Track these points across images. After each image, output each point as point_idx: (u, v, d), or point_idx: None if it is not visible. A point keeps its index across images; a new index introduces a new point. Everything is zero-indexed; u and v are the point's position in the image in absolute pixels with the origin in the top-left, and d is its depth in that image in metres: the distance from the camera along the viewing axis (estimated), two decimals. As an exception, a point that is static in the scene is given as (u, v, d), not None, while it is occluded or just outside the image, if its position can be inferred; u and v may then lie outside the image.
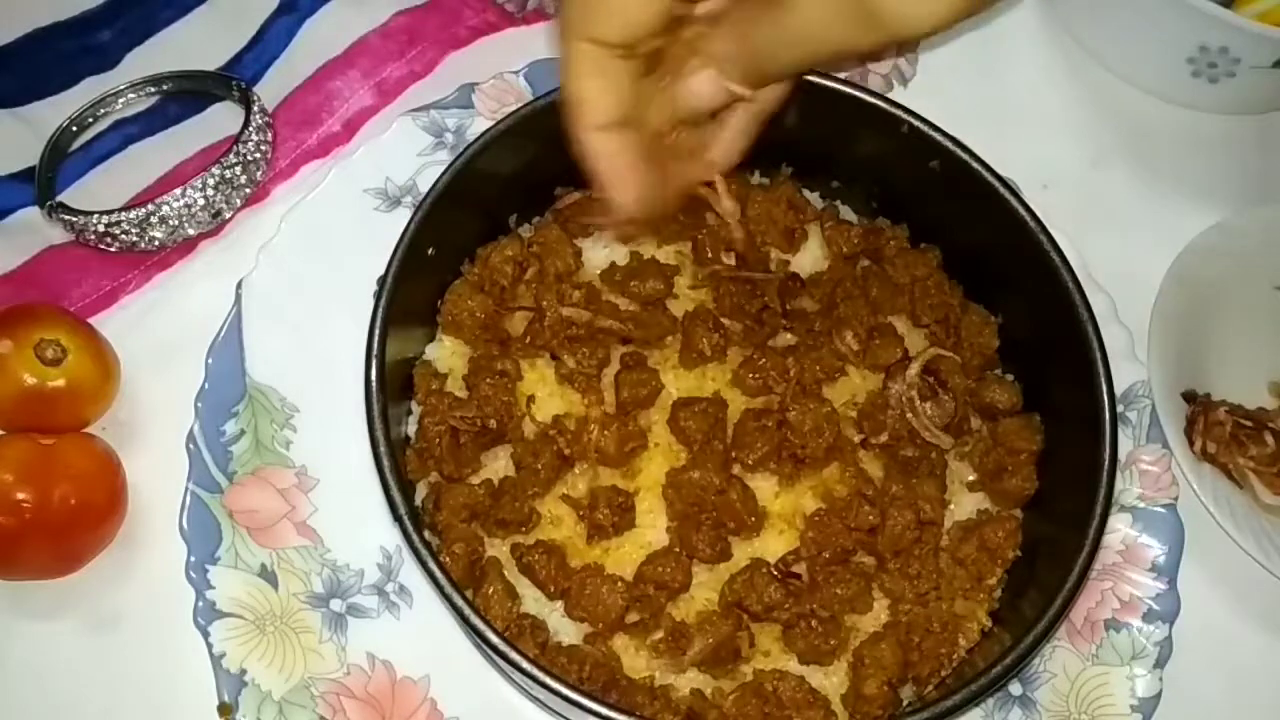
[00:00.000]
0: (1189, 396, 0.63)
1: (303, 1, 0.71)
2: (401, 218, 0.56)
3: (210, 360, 0.59)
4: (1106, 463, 0.52)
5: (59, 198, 0.64)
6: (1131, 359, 0.62)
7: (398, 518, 0.50)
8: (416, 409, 0.58)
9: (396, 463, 0.51)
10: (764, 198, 0.61)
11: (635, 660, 0.53)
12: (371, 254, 0.57)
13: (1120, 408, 0.59)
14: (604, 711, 0.46)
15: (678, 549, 0.54)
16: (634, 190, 0.43)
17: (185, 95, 0.68)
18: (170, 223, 0.62)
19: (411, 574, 0.56)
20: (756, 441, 0.56)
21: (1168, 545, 0.58)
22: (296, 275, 0.61)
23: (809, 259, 0.62)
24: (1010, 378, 0.60)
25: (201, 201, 0.63)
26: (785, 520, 0.56)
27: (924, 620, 0.54)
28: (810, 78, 0.58)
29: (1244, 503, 0.61)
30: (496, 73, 0.67)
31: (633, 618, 0.53)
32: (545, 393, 0.58)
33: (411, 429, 0.58)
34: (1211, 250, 0.66)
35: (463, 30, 0.71)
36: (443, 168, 0.56)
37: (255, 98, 0.65)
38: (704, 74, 0.43)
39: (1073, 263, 0.56)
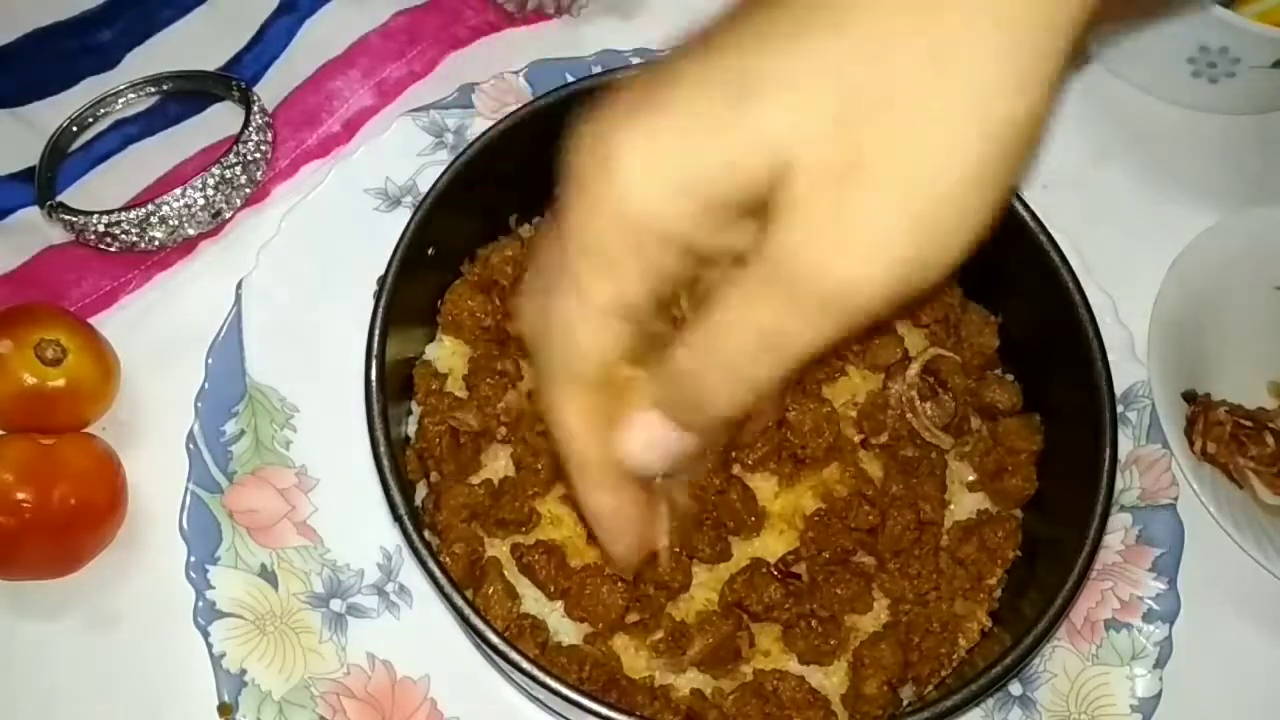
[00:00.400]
0: (1189, 396, 0.63)
1: (303, 1, 0.71)
2: (401, 218, 0.56)
3: (210, 360, 0.59)
4: (1106, 463, 0.52)
5: (59, 198, 0.64)
6: (1131, 359, 0.62)
7: (398, 518, 0.50)
8: (416, 409, 0.58)
9: (396, 463, 0.51)
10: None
11: (635, 660, 0.53)
12: (371, 254, 0.57)
13: (1120, 408, 0.59)
14: (604, 711, 0.46)
15: (678, 549, 0.54)
16: (633, 539, 0.40)
17: (185, 95, 0.68)
18: (170, 223, 0.62)
19: (411, 574, 0.56)
20: (756, 441, 0.56)
21: (1168, 545, 0.58)
22: (296, 275, 0.61)
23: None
24: (1010, 378, 0.60)
25: (201, 201, 0.63)
26: (785, 520, 0.56)
27: (924, 620, 0.54)
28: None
29: (1244, 503, 0.61)
30: (496, 73, 0.67)
31: (633, 618, 0.53)
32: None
33: (411, 429, 0.58)
34: (1211, 250, 0.66)
35: (463, 30, 0.71)
36: (443, 168, 0.56)
37: (255, 98, 0.65)
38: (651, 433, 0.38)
39: (1073, 263, 0.56)
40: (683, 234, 0.33)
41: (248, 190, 0.65)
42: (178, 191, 0.62)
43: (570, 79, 0.63)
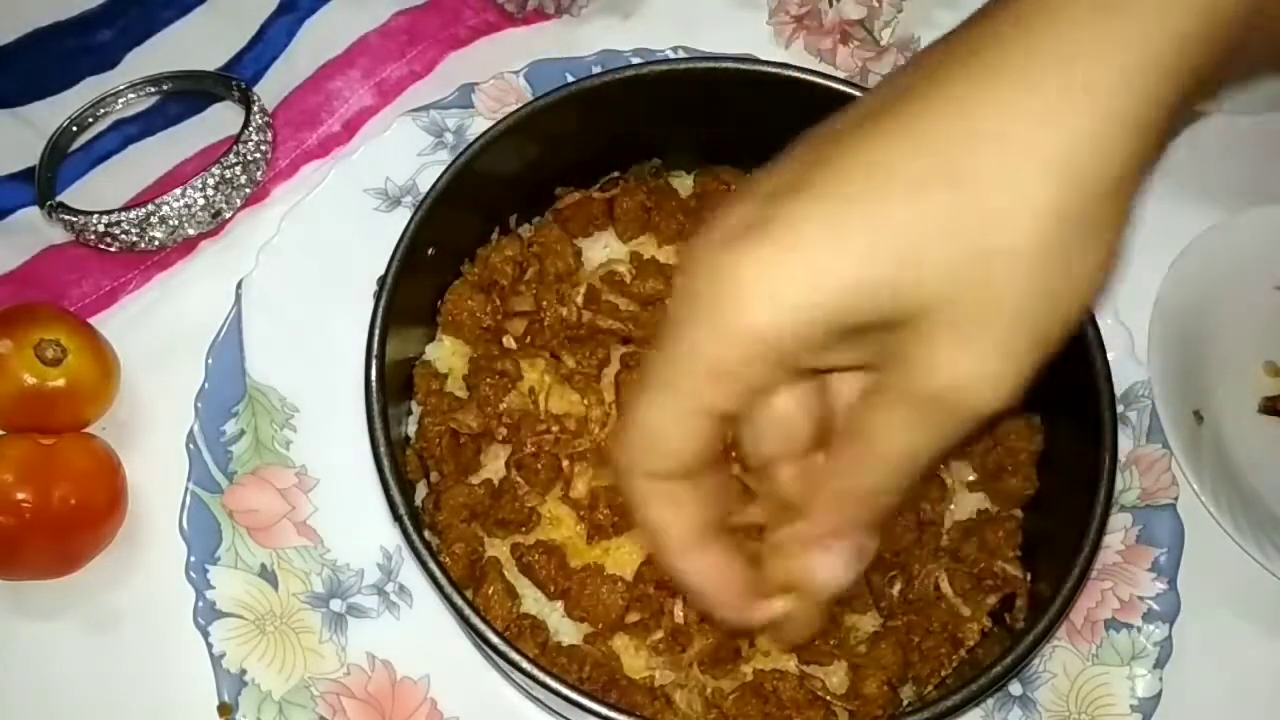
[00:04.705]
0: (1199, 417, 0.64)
1: (303, 1, 0.71)
2: (401, 218, 0.56)
3: (210, 360, 0.59)
4: (1106, 463, 0.52)
5: (59, 198, 0.64)
6: (1131, 359, 0.62)
7: (398, 518, 0.50)
8: (416, 409, 0.58)
9: (396, 463, 0.51)
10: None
11: (635, 660, 0.53)
12: (371, 254, 0.57)
13: (1120, 408, 0.59)
14: (604, 711, 0.46)
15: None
16: (739, 595, 0.41)
17: (185, 95, 0.68)
18: (170, 223, 0.62)
19: (411, 574, 0.56)
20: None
21: (1168, 545, 0.58)
22: (296, 275, 0.61)
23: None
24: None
25: (201, 201, 0.63)
26: (785, 520, 0.56)
27: (924, 620, 0.54)
28: (809, 77, 0.58)
29: (1244, 503, 0.61)
30: (496, 73, 0.67)
31: (633, 618, 0.53)
32: (545, 393, 0.58)
33: (411, 429, 0.58)
34: (1211, 250, 0.66)
35: (463, 30, 0.71)
36: (443, 168, 0.56)
37: (255, 98, 0.65)
38: (823, 557, 0.40)
39: (1073, 263, 0.56)
40: (798, 358, 0.36)
41: (248, 190, 0.65)
42: (178, 191, 0.62)
43: (570, 79, 0.63)
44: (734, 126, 0.60)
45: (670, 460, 0.38)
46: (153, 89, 0.68)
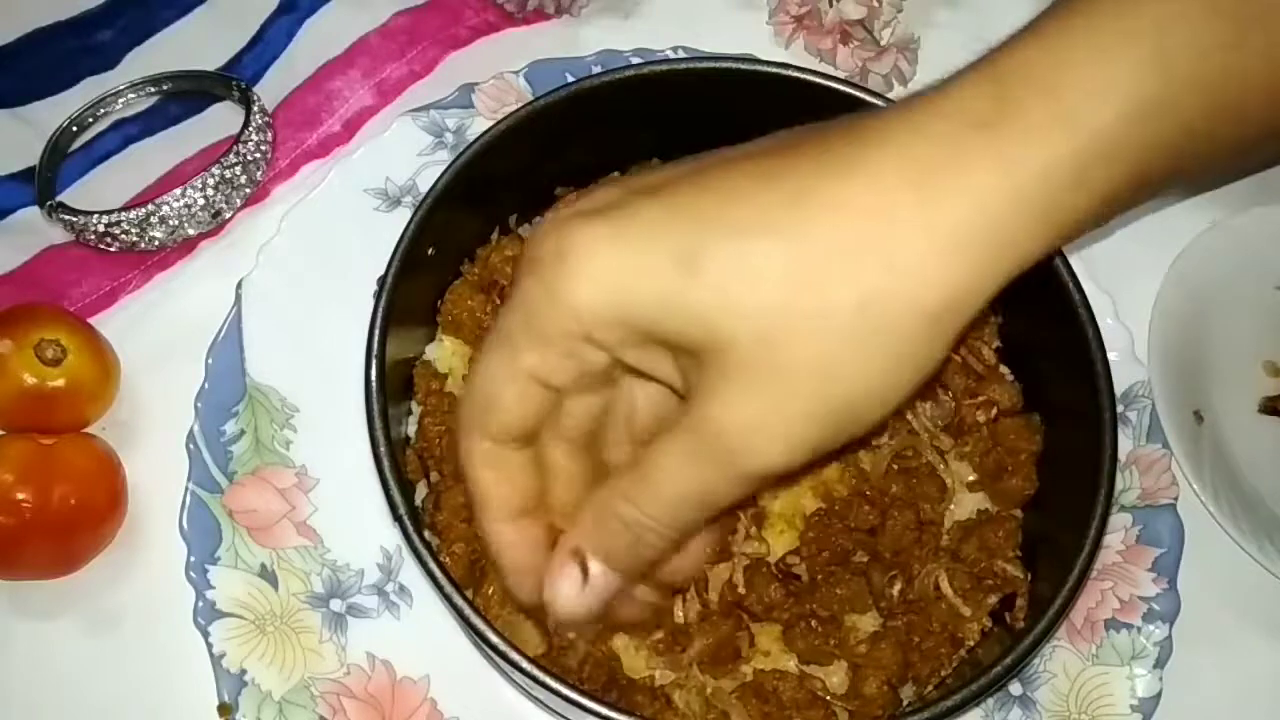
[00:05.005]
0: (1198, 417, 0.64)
1: (303, 1, 0.71)
2: (401, 218, 0.56)
3: (210, 360, 0.59)
4: (1106, 463, 0.52)
5: (59, 198, 0.64)
6: (1131, 359, 0.62)
7: (398, 518, 0.50)
8: (416, 409, 0.58)
9: (396, 463, 0.51)
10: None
11: (635, 660, 0.53)
12: (371, 254, 0.57)
13: (1120, 408, 0.59)
14: (604, 711, 0.46)
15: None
16: (534, 582, 0.41)
17: (185, 95, 0.68)
18: (170, 223, 0.62)
19: (411, 574, 0.56)
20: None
21: (1168, 545, 0.58)
22: (296, 275, 0.61)
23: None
24: (1010, 378, 0.60)
25: (201, 201, 0.63)
26: (785, 520, 0.56)
27: (924, 620, 0.54)
28: (809, 77, 0.58)
29: (1244, 503, 0.61)
30: (496, 73, 0.67)
31: (633, 618, 0.53)
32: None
33: (411, 429, 0.58)
34: (1211, 250, 0.66)
35: (463, 30, 0.71)
36: (443, 168, 0.56)
37: (255, 98, 0.65)
38: (566, 573, 0.40)
39: (1073, 263, 0.56)
40: (611, 346, 0.37)
41: (248, 190, 0.65)
42: (178, 191, 0.62)
43: (570, 79, 0.63)
44: (734, 126, 0.60)
45: (500, 421, 0.39)
46: (153, 89, 0.68)
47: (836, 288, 0.34)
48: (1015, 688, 0.56)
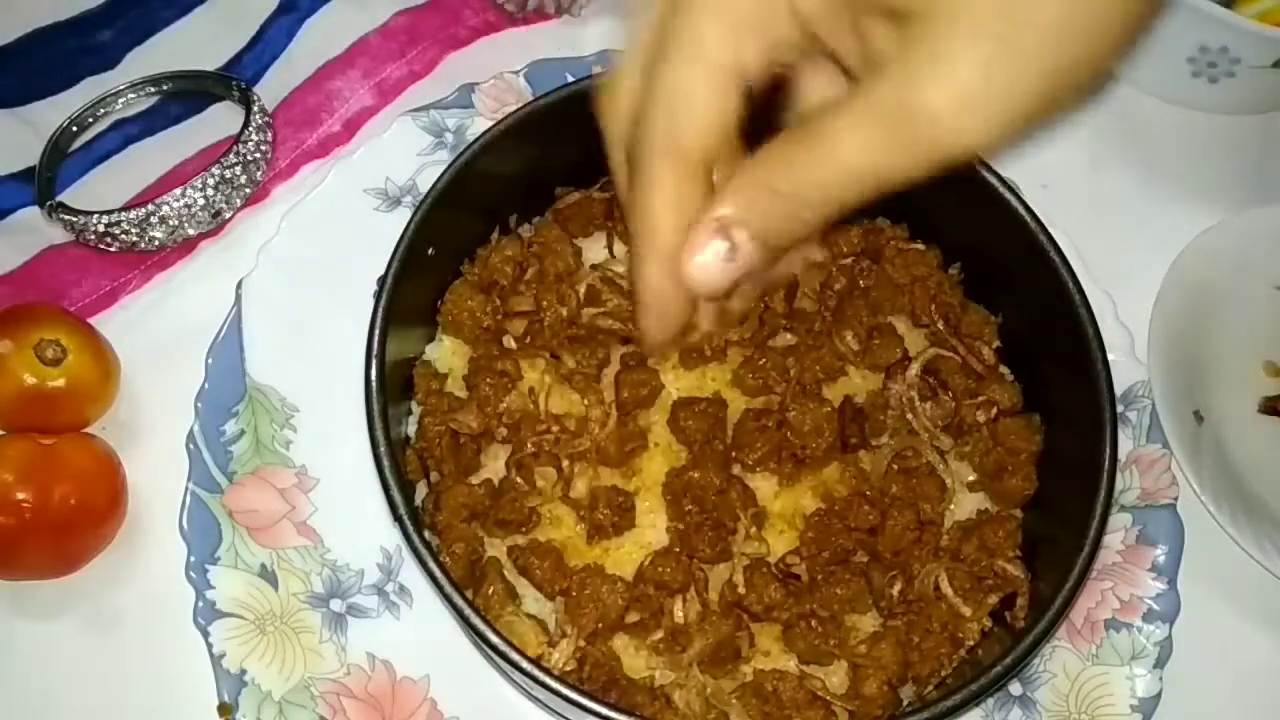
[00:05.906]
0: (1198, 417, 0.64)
1: (303, 1, 0.71)
2: (401, 218, 0.56)
3: (210, 360, 0.59)
4: (1106, 463, 0.52)
5: (59, 198, 0.64)
6: (1131, 359, 0.62)
7: (398, 518, 0.50)
8: (416, 409, 0.58)
9: (396, 463, 0.51)
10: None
11: (635, 660, 0.53)
12: (371, 254, 0.57)
13: (1120, 408, 0.59)
14: (604, 711, 0.46)
15: (678, 549, 0.54)
16: (669, 323, 0.41)
17: (185, 95, 0.68)
18: (170, 223, 0.62)
19: (411, 574, 0.56)
20: (756, 441, 0.56)
21: (1168, 545, 0.58)
22: (296, 275, 0.61)
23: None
24: (1010, 378, 0.60)
25: (201, 201, 0.63)
26: (785, 520, 0.56)
27: (924, 620, 0.54)
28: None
29: (1244, 503, 0.61)
30: (496, 73, 0.67)
31: (632, 618, 0.53)
32: (545, 393, 0.58)
33: (411, 429, 0.58)
34: (1211, 250, 0.66)
35: (463, 30, 0.71)
36: (443, 168, 0.56)
37: (255, 98, 0.65)
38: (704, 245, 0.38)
39: (1073, 263, 0.56)
40: (811, 13, 0.35)
41: (248, 190, 0.65)
42: (178, 191, 0.62)
43: (570, 79, 0.63)
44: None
45: (697, 127, 0.37)
46: (153, 89, 0.68)
47: None
48: (1015, 688, 0.56)
